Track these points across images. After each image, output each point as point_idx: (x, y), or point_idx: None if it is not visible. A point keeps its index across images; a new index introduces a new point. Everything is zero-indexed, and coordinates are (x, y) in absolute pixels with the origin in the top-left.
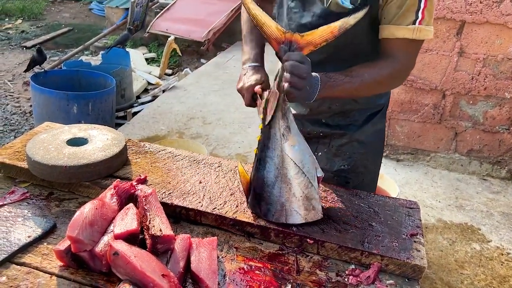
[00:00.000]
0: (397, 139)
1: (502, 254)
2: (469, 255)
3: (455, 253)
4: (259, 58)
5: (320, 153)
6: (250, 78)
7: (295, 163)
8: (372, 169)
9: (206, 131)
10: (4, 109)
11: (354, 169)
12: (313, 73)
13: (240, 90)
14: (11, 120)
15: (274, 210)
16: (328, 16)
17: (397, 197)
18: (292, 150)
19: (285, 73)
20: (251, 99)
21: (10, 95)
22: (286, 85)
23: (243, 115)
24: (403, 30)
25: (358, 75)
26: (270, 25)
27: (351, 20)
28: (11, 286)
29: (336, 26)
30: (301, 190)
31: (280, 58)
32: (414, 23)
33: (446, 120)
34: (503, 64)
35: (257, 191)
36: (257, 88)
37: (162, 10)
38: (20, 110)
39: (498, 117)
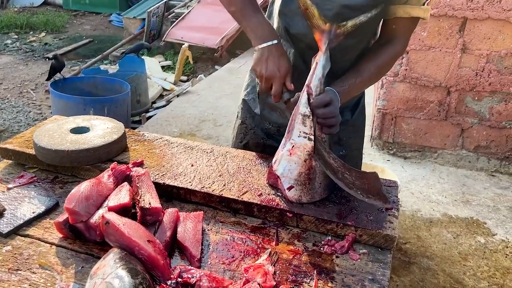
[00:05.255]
0: (403, 136)
1: (507, 247)
2: (473, 247)
3: (459, 246)
4: (276, 34)
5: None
6: (280, 64)
7: None
8: (361, 151)
9: (217, 132)
10: (27, 116)
11: (350, 153)
12: (330, 88)
13: (269, 78)
14: (33, 125)
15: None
16: None
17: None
18: None
19: (318, 119)
20: (281, 90)
21: (32, 103)
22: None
23: None
24: (417, 10)
25: (365, 70)
26: (314, 13)
27: (363, 17)
28: (15, 253)
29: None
30: None
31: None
32: (424, 4)
33: (452, 116)
34: (507, 60)
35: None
36: (292, 86)
37: (177, 19)
38: (42, 116)
39: (504, 113)
